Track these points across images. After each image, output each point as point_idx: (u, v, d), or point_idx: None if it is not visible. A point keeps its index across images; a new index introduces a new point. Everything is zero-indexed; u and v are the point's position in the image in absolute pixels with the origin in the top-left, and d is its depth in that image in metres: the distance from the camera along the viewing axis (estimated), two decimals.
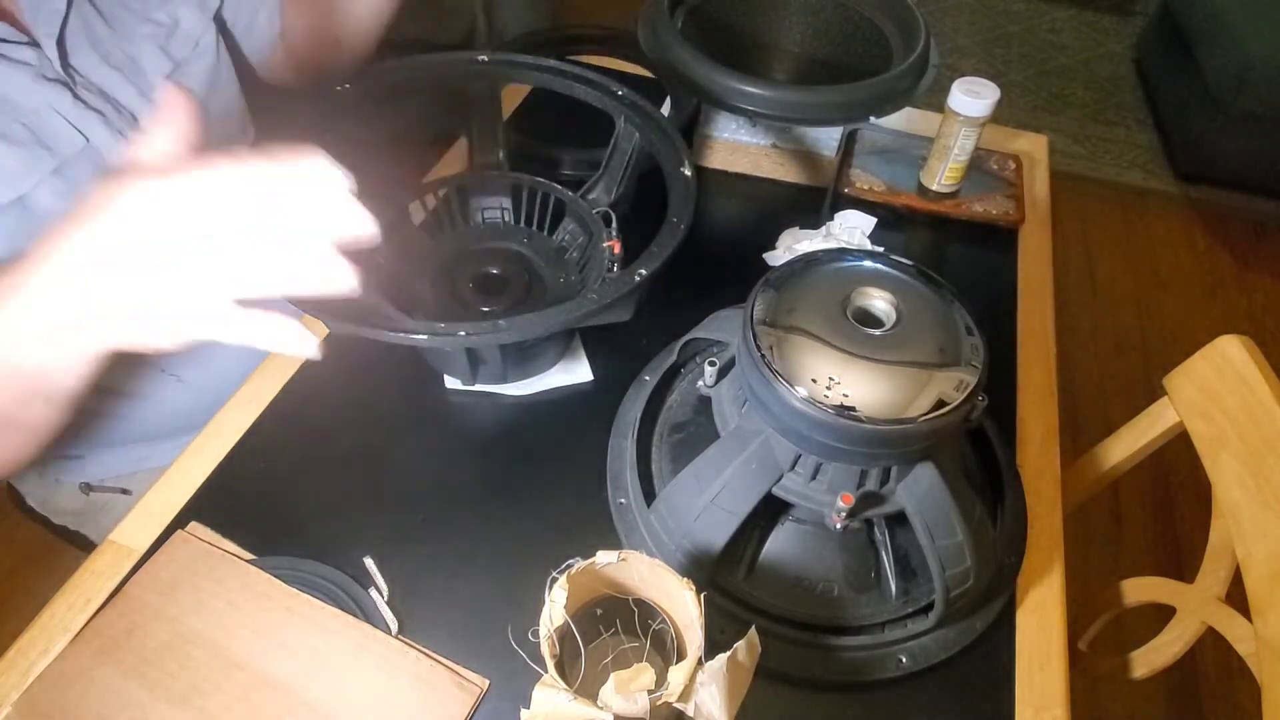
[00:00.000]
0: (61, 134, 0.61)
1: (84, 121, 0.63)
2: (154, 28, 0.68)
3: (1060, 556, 0.63)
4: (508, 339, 0.56)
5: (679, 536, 0.54)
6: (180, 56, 0.70)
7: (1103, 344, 1.90)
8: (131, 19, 0.67)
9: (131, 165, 0.42)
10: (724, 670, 0.39)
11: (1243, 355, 0.68)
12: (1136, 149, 2.43)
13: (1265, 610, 0.67)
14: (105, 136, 0.64)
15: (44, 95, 0.60)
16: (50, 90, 0.61)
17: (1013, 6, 2.97)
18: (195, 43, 0.71)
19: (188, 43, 0.71)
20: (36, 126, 0.60)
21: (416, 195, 0.73)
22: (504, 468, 0.66)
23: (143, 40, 0.67)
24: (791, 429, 0.49)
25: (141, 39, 0.67)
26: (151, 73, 0.68)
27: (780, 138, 0.91)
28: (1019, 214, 0.90)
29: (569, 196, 0.73)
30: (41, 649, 0.54)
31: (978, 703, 0.56)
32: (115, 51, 0.66)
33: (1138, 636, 0.83)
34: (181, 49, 0.70)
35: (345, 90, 0.69)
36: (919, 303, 0.52)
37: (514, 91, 1.01)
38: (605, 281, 0.63)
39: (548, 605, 0.41)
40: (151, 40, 0.68)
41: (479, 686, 0.53)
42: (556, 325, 0.56)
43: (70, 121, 0.62)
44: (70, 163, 0.62)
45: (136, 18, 0.67)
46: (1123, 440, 0.81)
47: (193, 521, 0.60)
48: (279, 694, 0.52)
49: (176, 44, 0.70)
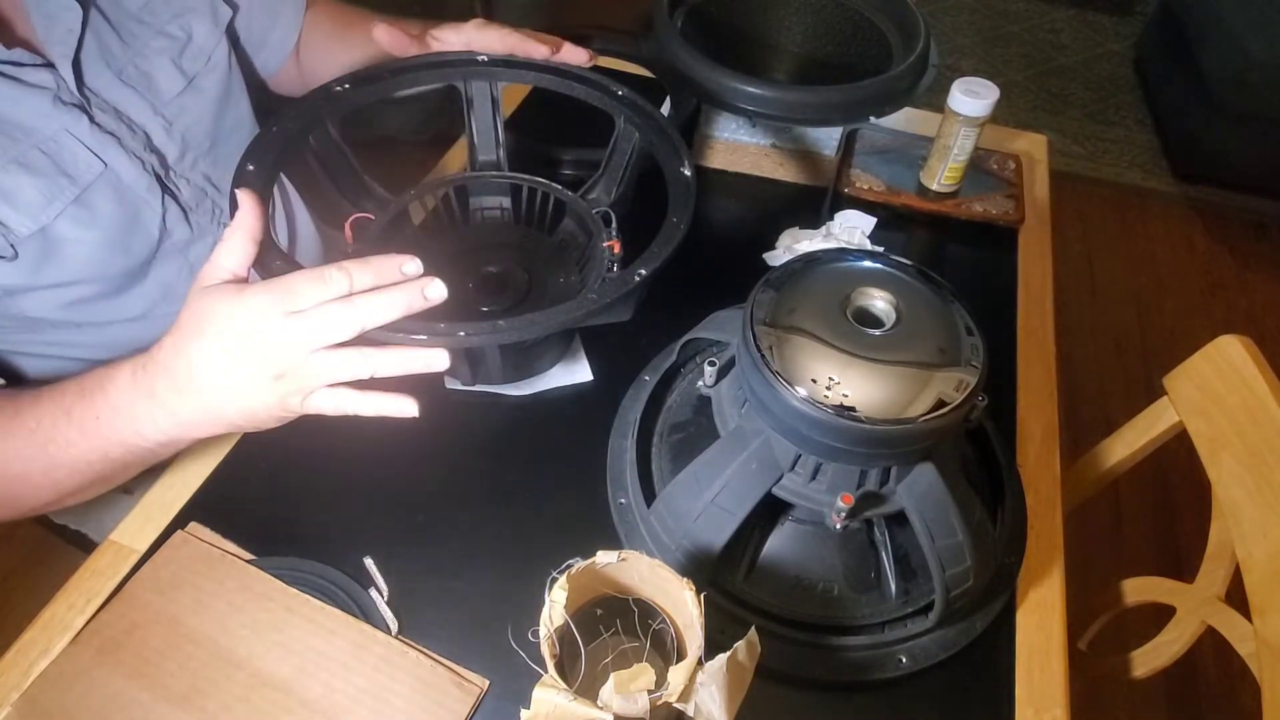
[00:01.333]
0: (80, 159, 0.61)
1: (101, 146, 0.62)
2: (167, 41, 0.68)
3: (1060, 556, 0.63)
4: (508, 339, 0.56)
5: (679, 536, 0.54)
6: (193, 71, 0.70)
7: (1103, 344, 1.90)
8: (145, 33, 0.67)
9: (219, 269, 0.49)
10: (724, 670, 0.39)
11: (1243, 355, 0.68)
12: (1136, 149, 2.43)
13: (1265, 610, 0.67)
14: (122, 160, 0.64)
15: (61, 120, 0.60)
16: (67, 115, 0.60)
17: (1013, 6, 2.97)
18: (208, 57, 0.71)
19: (200, 57, 0.71)
20: (55, 153, 0.60)
21: (416, 195, 0.73)
22: (504, 468, 0.66)
23: (155, 55, 0.67)
24: (791, 429, 0.49)
25: (154, 54, 0.67)
26: (165, 89, 0.68)
27: (780, 138, 0.91)
28: (1019, 214, 0.90)
29: (569, 196, 0.73)
30: (41, 649, 0.54)
31: (978, 703, 0.56)
32: (129, 68, 0.66)
33: (1138, 636, 0.83)
34: (194, 63, 0.70)
35: (345, 90, 0.69)
36: (919, 303, 0.52)
37: (514, 91, 1.01)
38: (605, 281, 0.63)
39: (548, 605, 0.41)
40: (164, 55, 0.68)
41: (479, 686, 0.53)
42: (556, 325, 0.56)
43: (88, 146, 0.61)
44: (90, 190, 0.62)
45: (150, 31, 0.67)
46: (1123, 440, 0.81)
47: (193, 522, 0.60)
48: (279, 694, 0.52)
49: (189, 58, 0.70)
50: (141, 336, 0.70)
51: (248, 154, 0.63)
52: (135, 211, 0.66)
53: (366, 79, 0.71)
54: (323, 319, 0.47)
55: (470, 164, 0.77)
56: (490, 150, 0.77)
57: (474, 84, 0.74)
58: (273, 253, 0.59)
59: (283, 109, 0.67)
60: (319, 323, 0.47)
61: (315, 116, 0.68)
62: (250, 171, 0.62)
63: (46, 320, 0.66)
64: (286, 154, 0.66)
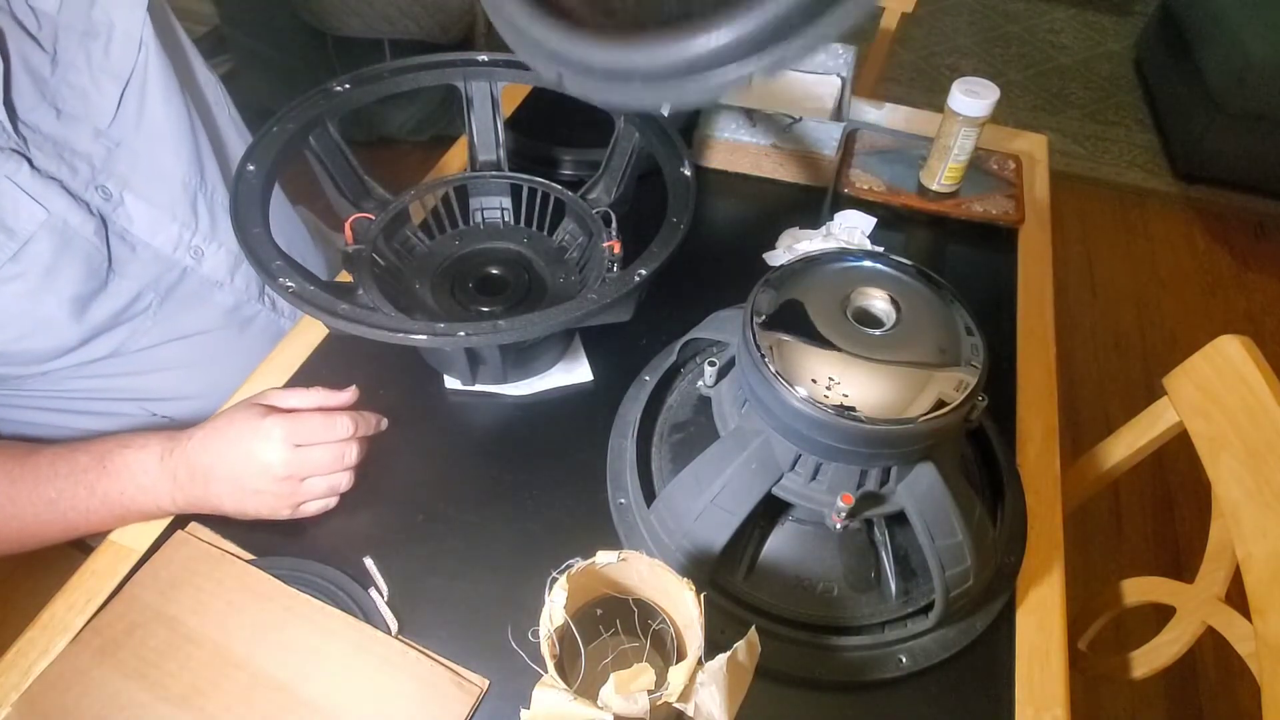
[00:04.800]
0: (22, 210, 0.59)
1: (43, 192, 0.60)
2: (93, 41, 0.63)
3: (1060, 556, 0.63)
4: (508, 339, 0.56)
5: (679, 536, 0.54)
6: (123, 68, 0.65)
7: (1103, 344, 1.90)
8: (70, 39, 0.62)
9: (266, 397, 0.60)
10: (724, 670, 0.39)
11: (1242, 355, 0.68)
12: (1136, 149, 2.43)
13: (1265, 610, 0.67)
14: (65, 204, 0.61)
15: (1, 169, 0.58)
16: (7, 162, 0.58)
17: (1013, 6, 2.97)
18: (138, 42, 0.66)
19: (130, 45, 0.65)
20: None
21: (416, 195, 0.73)
22: (504, 468, 0.66)
23: (85, 65, 0.63)
24: (791, 429, 0.49)
25: (84, 62, 0.63)
26: (102, 102, 0.64)
27: (780, 138, 0.91)
28: (1019, 214, 0.90)
29: (569, 196, 0.73)
30: (41, 649, 0.54)
31: (978, 703, 0.56)
32: (62, 89, 0.62)
33: (1138, 636, 0.83)
34: (124, 57, 0.65)
35: (345, 90, 0.69)
36: (919, 303, 0.52)
37: (514, 91, 1.01)
38: (605, 281, 0.63)
39: (548, 605, 0.41)
40: (92, 60, 0.63)
41: (479, 686, 0.53)
42: (556, 325, 0.56)
43: (29, 194, 0.59)
44: (31, 242, 0.59)
45: (75, 35, 0.63)
46: (1123, 440, 0.80)
47: (193, 522, 0.60)
48: (279, 694, 0.52)
49: (117, 51, 0.65)
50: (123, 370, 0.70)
51: (248, 154, 0.63)
52: (84, 256, 0.63)
53: (366, 79, 0.71)
54: (322, 455, 0.58)
55: (470, 164, 0.77)
56: (490, 150, 0.77)
57: (474, 84, 0.74)
58: (272, 253, 0.59)
59: (282, 109, 0.67)
60: (318, 458, 0.58)
61: (315, 116, 0.68)
62: (250, 172, 0.62)
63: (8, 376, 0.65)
64: (286, 154, 0.66)
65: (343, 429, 0.59)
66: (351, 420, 0.59)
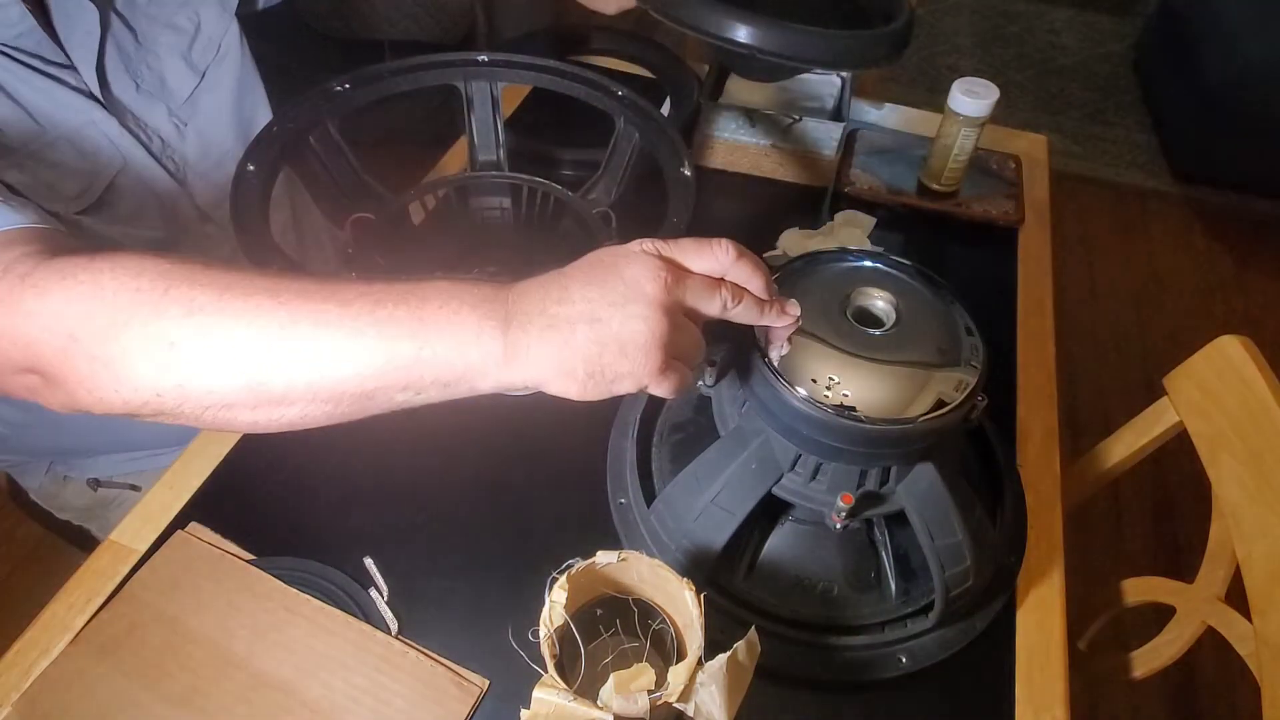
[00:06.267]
0: (102, 154, 0.62)
1: (124, 143, 0.63)
2: (176, 35, 0.68)
3: (1060, 556, 0.63)
4: None
5: (679, 536, 0.54)
6: (203, 65, 0.70)
7: (1103, 344, 1.90)
8: (153, 28, 0.66)
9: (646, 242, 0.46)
10: (724, 670, 0.39)
11: (1242, 355, 0.68)
12: (1136, 149, 2.43)
13: (1265, 610, 0.67)
14: (142, 158, 0.64)
15: (90, 113, 0.61)
16: (95, 109, 0.61)
17: (1013, 6, 2.97)
18: (218, 45, 0.71)
19: (210, 47, 0.70)
20: (82, 146, 0.60)
21: (416, 195, 0.73)
22: (504, 468, 0.66)
23: (166, 53, 0.67)
24: (791, 429, 0.49)
25: (164, 51, 0.67)
26: (178, 90, 0.68)
27: (780, 138, 0.91)
28: (1019, 214, 0.90)
29: (569, 196, 0.73)
30: (41, 649, 0.54)
31: (978, 702, 0.56)
32: (143, 70, 0.66)
33: (1138, 636, 0.83)
34: (204, 56, 0.70)
35: (345, 90, 0.69)
36: (919, 303, 0.52)
37: (514, 91, 1.01)
38: None
39: (548, 605, 0.41)
40: (174, 51, 0.68)
41: (479, 686, 0.53)
42: None
43: (113, 141, 0.62)
44: (112, 187, 0.63)
45: (158, 25, 0.67)
46: (1123, 440, 0.80)
47: (193, 522, 0.60)
48: (279, 694, 0.52)
49: (199, 50, 0.69)
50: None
51: (248, 154, 0.63)
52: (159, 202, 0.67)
53: (366, 79, 0.71)
54: (696, 284, 0.44)
55: (470, 164, 0.77)
56: (490, 150, 0.77)
57: (474, 84, 0.74)
58: (273, 253, 0.59)
59: (283, 109, 0.67)
60: (691, 287, 0.44)
61: (315, 116, 0.68)
62: (250, 172, 0.62)
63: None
64: (287, 153, 0.66)
65: (720, 258, 0.46)
66: (724, 250, 0.46)
